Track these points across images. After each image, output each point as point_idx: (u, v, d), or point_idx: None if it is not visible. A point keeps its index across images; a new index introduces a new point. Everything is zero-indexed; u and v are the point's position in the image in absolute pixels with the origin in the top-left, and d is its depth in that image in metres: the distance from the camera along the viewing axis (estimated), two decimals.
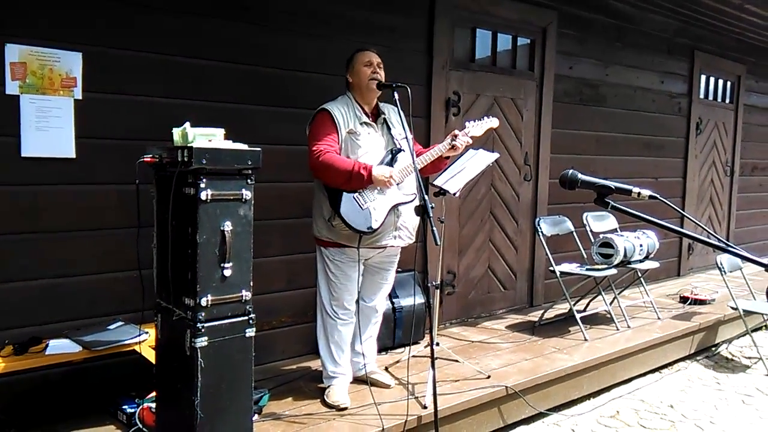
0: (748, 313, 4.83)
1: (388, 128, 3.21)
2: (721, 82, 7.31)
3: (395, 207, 3.10)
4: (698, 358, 5.01)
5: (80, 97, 2.98)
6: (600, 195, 1.62)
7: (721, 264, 4.88)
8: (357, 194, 3.01)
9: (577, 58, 5.44)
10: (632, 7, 5.78)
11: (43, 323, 2.94)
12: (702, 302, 5.53)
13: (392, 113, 3.25)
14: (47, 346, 2.74)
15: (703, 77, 6.94)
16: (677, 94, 6.56)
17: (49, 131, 2.91)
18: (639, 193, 1.59)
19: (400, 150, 3.13)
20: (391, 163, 3.09)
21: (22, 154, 2.85)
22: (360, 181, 2.95)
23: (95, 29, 3.02)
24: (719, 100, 7.31)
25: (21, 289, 2.91)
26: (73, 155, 2.98)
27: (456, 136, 3.16)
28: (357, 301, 3.28)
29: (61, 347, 2.74)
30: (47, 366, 2.75)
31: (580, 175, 1.65)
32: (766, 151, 8.17)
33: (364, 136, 3.10)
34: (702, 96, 6.95)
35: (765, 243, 8.20)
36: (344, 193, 3.00)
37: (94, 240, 3.08)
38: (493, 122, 3.35)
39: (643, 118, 6.17)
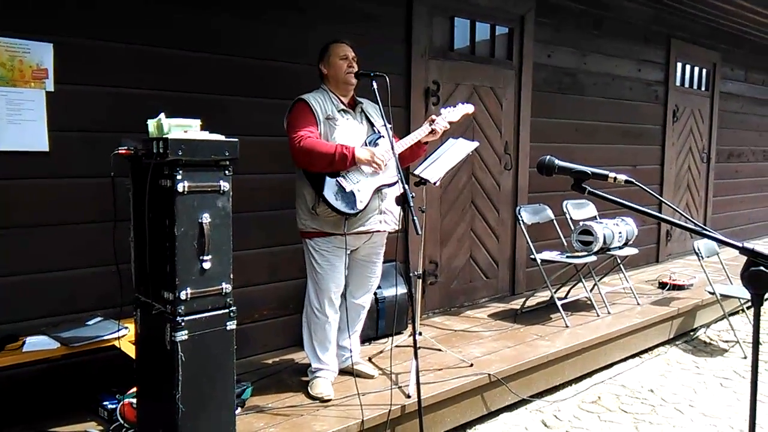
0: (725, 297, 4.91)
1: (367, 117, 3.20)
2: (696, 69, 7.38)
3: (379, 190, 3.09)
4: (677, 342, 5.09)
5: (52, 89, 2.92)
6: (577, 180, 1.63)
7: (699, 249, 4.94)
8: (340, 177, 2.99)
9: (555, 47, 5.46)
10: None
11: (19, 320, 2.89)
12: (680, 287, 5.61)
13: (369, 106, 3.25)
14: (24, 343, 2.70)
15: (679, 65, 7.01)
16: (654, 81, 6.62)
17: (21, 124, 2.85)
18: (615, 178, 1.60)
19: (380, 136, 3.13)
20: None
21: None
22: (343, 161, 2.93)
23: (66, 19, 2.96)
24: (695, 87, 7.39)
25: None
26: (47, 148, 2.92)
27: (434, 120, 3.18)
28: (344, 296, 3.28)
29: (38, 344, 2.70)
30: (25, 363, 2.70)
31: (557, 161, 1.65)
32: (741, 137, 8.29)
33: (342, 122, 3.09)
34: (678, 84, 7.02)
35: (742, 228, 8.34)
36: (327, 177, 2.98)
37: (70, 234, 3.04)
38: (468, 108, 3.38)
39: (621, 106, 6.22)
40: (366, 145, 3.10)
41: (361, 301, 3.38)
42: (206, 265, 2.35)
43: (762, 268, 1.38)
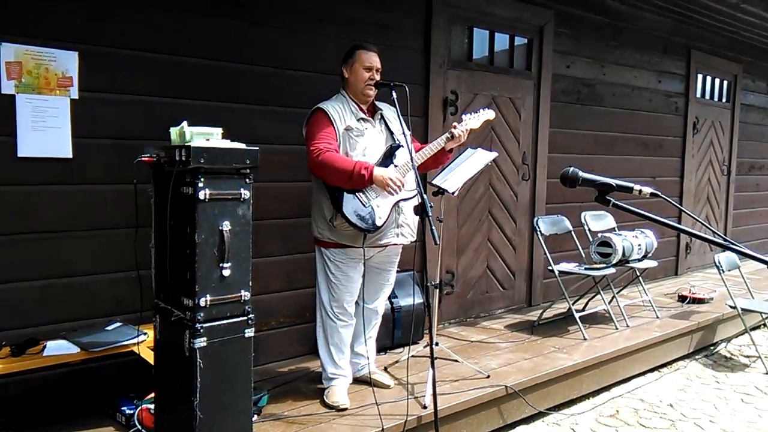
0: (746, 311, 4.83)
1: (386, 125, 3.20)
2: (717, 81, 7.31)
3: (396, 204, 3.09)
4: (697, 357, 5.01)
5: (77, 97, 2.96)
6: (601, 193, 1.61)
7: (720, 263, 4.88)
8: (359, 192, 2.99)
9: (574, 58, 5.44)
10: (627, 6, 5.79)
11: (40, 324, 2.92)
12: (700, 301, 5.53)
13: (389, 111, 3.24)
14: (45, 347, 2.73)
15: (700, 76, 6.95)
16: (674, 93, 6.57)
17: (46, 131, 2.89)
18: (640, 191, 1.58)
19: (399, 146, 3.12)
20: (390, 159, 3.08)
21: (19, 155, 2.83)
22: (361, 180, 2.92)
23: (91, 28, 3.00)
24: (716, 99, 7.32)
25: (18, 290, 2.90)
26: (70, 155, 2.96)
27: (455, 127, 3.17)
28: (357, 302, 3.27)
29: (58, 348, 2.72)
30: (45, 367, 2.73)
31: (581, 173, 1.64)
32: (762, 150, 8.18)
33: (362, 132, 3.08)
34: (699, 95, 6.95)
35: (762, 242, 8.21)
36: (345, 192, 2.98)
37: (92, 240, 3.07)
38: (489, 114, 3.36)
39: (641, 117, 6.18)
40: (389, 150, 3.10)
41: (375, 306, 3.37)
42: (226, 273, 2.36)
43: None
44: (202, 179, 2.28)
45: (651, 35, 6.16)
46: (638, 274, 5.02)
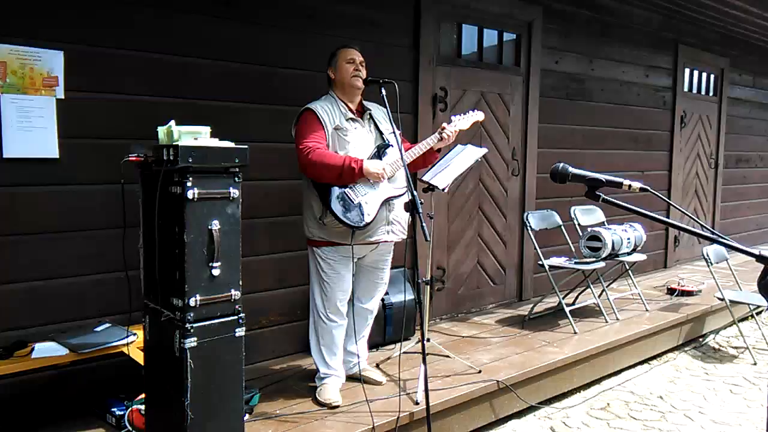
0: (734, 303, 4.87)
1: (375, 124, 3.20)
2: (704, 75, 7.36)
3: (387, 201, 3.08)
4: (686, 348, 5.05)
5: (62, 97, 2.93)
6: (591, 188, 1.61)
7: (708, 255, 4.91)
8: (348, 189, 2.98)
9: (562, 53, 5.45)
10: (615, 1, 5.81)
11: (28, 326, 2.90)
12: (689, 293, 5.57)
13: (378, 110, 3.24)
14: (33, 349, 2.70)
15: (687, 70, 6.99)
16: (662, 87, 6.60)
17: (32, 131, 2.86)
18: (630, 186, 1.59)
19: (388, 145, 3.12)
20: (379, 158, 3.07)
21: (4, 155, 2.80)
22: (351, 175, 2.92)
23: (76, 27, 2.97)
24: (703, 93, 7.37)
25: (4, 292, 2.87)
26: (57, 155, 2.93)
27: (444, 128, 3.18)
28: (351, 302, 3.27)
29: (47, 350, 2.70)
30: (34, 370, 2.70)
31: (570, 169, 1.64)
32: (749, 143, 8.26)
33: (351, 132, 3.08)
34: (686, 89, 6.99)
35: (750, 234, 8.29)
36: (334, 188, 2.97)
37: (80, 241, 3.04)
38: (478, 115, 3.37)
39: (629, 112, 6.21)
40: (378, 149, 3.10)
41: (369, 306, 3.38)
42: (215, 272, 2.35)
43: None
44: (190, 178, 2.26)
45: (639, 30, 6.18)
46: (627, 267, 5.05)
